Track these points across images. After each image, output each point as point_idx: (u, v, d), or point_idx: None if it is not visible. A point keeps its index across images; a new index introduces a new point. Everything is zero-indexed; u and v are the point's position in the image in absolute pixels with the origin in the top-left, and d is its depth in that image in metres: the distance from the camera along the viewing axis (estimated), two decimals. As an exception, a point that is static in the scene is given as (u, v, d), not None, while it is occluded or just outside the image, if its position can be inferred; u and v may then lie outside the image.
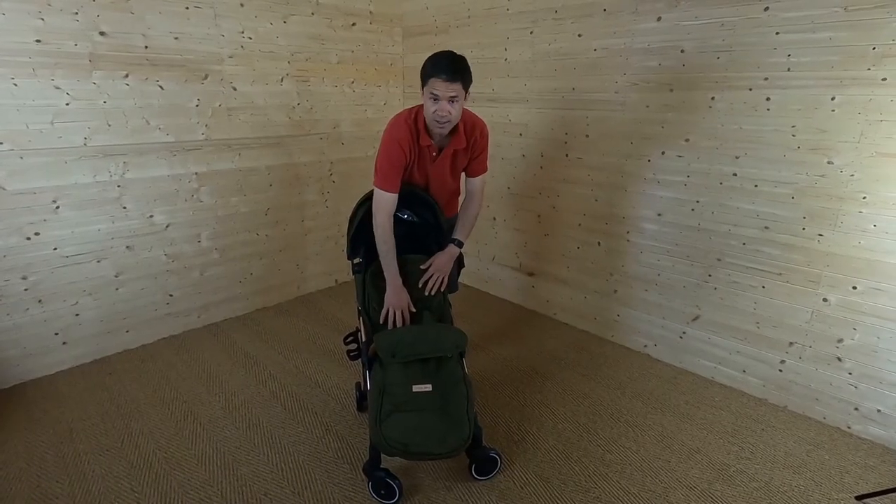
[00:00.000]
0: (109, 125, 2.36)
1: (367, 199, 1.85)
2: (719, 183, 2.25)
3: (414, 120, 1.79)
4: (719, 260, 2.31)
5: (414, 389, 1.57)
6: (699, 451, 1.96)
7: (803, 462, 1.92)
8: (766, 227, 2.15)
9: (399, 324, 1.79)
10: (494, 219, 3.24)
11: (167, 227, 2.66)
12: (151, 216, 2.59)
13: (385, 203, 1.79)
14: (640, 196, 2.53)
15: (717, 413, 2.20)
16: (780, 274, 2.15)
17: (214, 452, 1.93)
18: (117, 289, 2.56)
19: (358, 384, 2.19)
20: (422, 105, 1.77)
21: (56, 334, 2.42)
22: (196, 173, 2.69)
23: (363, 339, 1.82)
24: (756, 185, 2.15)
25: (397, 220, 1.85)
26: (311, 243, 3.30)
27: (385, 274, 1.81)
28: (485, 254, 3.40)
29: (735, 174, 2.20)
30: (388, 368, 1.62)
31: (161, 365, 2.52)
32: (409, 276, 1.86)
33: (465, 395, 1.61)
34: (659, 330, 2.59)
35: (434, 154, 1.86)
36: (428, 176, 1.92)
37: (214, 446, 1.97)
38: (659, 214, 2.48)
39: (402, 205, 1.86)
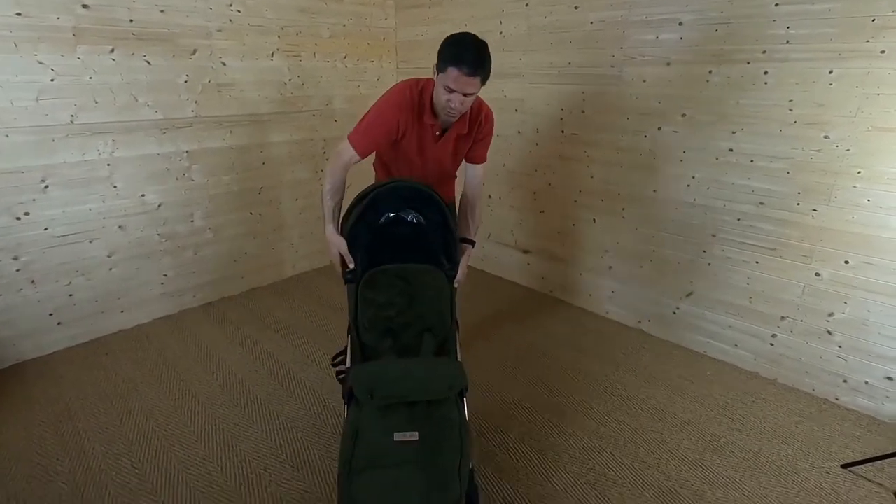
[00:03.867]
0: (96, 102, 2.31)
1: (365, 196, 1.55)
2: (715, 158, 2.24)
3: (420, 93, 1.64)
4: (714, 236, 2.32)
5: (396, 438, 1.25)
6: (691, 424, 2.00)
7: (792, 433, 1.96)
8: (761, 203, 2.16)
9: (336, 266, 1.59)
10: (490, 196, 3.23)
11: (159, 206, 2.63)
12: (143, 195, 2.56)
13: (346, 161, 1.61)
14: (635, 172, 2.52)
15: (709, 387, 2.23)
16: (774, 249, 2.16)
17: (213, 429, 1.95)
18: (111, 269, 2.54)
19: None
20: (430, 80, 1.63)
21: (50, 315, 2.41)
22: (187, 151, 2.65)
23: (348, 363, 1.55)
24: (752, 161, 2.14)
25: (400, 222, 1.58)
26: (305, 222, 3.28)
27: (323, 211, 1.61)
28: (480, 231, 3.39)
29: (731, 149, 2.19)
30: (364, 411, 1.29)
31: (157, 344, 2.52)
32: (415, 292, 1.51)
33: (459, 448, 1.27)
34: (653, 306, 2.61)
35: (437, 134, 1.72)
36: (426, 157, 1.77)
37: (213, 423, 1.98)
38: (654, 190, 2.47)
39: (405, 205, 1.58)
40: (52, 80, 2.18)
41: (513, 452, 1.84)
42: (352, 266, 1.55)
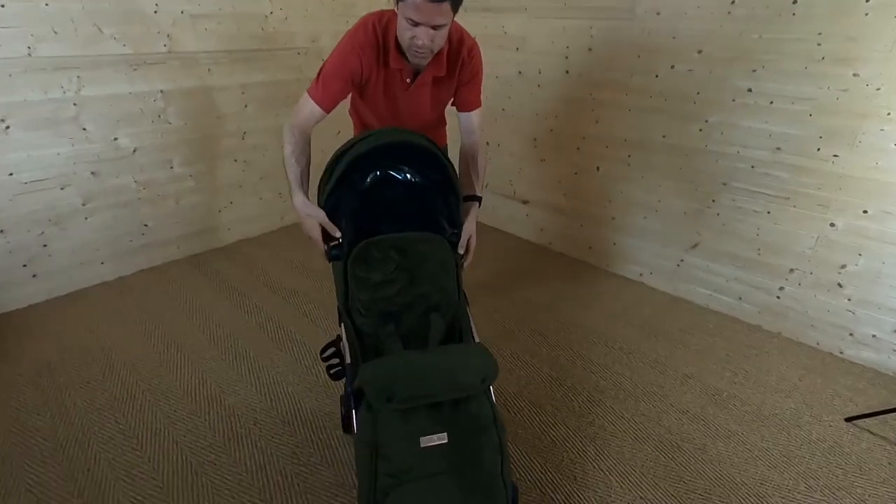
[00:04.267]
0: (56, 32, 2.09)
1: (344, 153, 1.29)
2: (731, 100, 2.09)
3: (384, 31, 1.36)
4: (725, 184, 2.20)
5: (422, 444, 1.07)
6: (692, 377, 1.96)
7: (795, 386, 1.92)
8: (778, 149, 2.02)
9: (316, 246, 1.34)
10: (488, 143, 3.06)
11: (134, 151, 2.46)
12: (116, 139, 2.38)
13: (307, 116, 1.38)
14: (644, 116, 2.36)
15: (712, 340, 2.18)
16: (788, 198, 2.05)
17: (200, 384, 1.88)
18: (86, 218, 2.40)
19: (342, 398, 1.45)
20: (395, 14, 1.31)
21: (24, 266, 2.28)
22: (161, 91, 2.45)
23: (347, 358, 1.29)
24: (771, 102, 1.99)
25: (391, 182, 1.35)
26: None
27: (288, 178, 1.34)
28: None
29: (750, 90, 2.03)
30: (381, 418, 1.07)
31: (140, 297, 2.42)
32: (415, 265, 1.32)
33: (498, 447, 1.10)
34: (656, 258, 2.52)
35: (408, 81, 1.44)
36: (399, 108, 1.52)
37: (200, 378, 1.91)
38: (664, 136, 2.33)
39: (395, 161, 1.34)
40: (2, 6, 1.95)
41: (511, 406, 1.79)
42: (338, 236, 1.32)
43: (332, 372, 1.44)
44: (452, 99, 1.56)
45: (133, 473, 1.53)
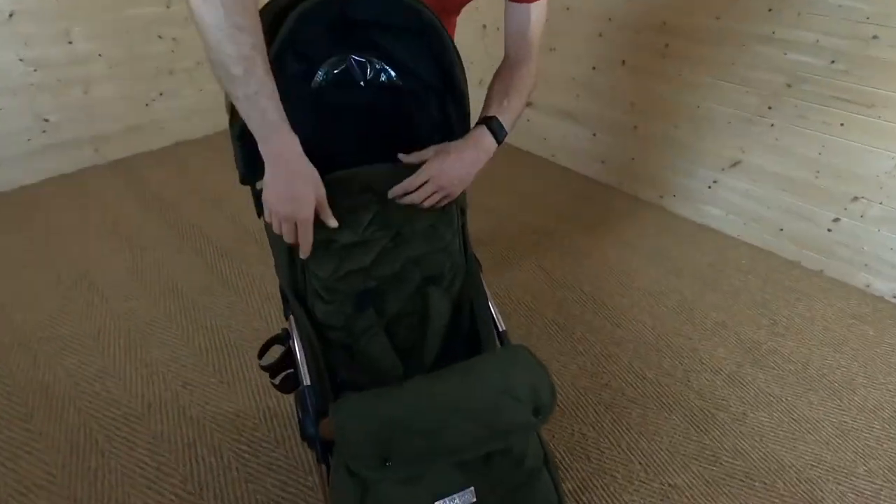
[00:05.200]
0: None
1: (277, 22, 0.75)
2: (822, -34, 1.54)
3: None
4: (789, 86, 1.72)
5: None
6: (725, 326, 1.63)
7: (844, 338, 1.62)
8: (875, 37, 1.53)
9: (300, 242, 0.78)
10: (485, 27, 2.45)
11: (11, 15, 1.82)
12: (-21, -4, 1.74)
13: None
14: (694, -11, 1.80)
15: (745, 279, 1.84)
16: (872, 106, 1.60)
17: (116, 330, 1.48)
18: (-44, 108, 1.82)
19: (297, 396, 0.90)
20: None
21: None
22: (37, -74, 1.76)
23: (303, 370, 0.85)
24: (880, -31, 1.46)
25: (354, 85, 0.85)
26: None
27: (246, 117, 0.70)
28: (469, 77, 2.66)
29: (852, -50, 1.49)
30: (373, 488, 0.69)
31: (46, 212, 1.93)
32: (398, 217, 0.88)
33: (557, 501, 0.76)
34: (683, 178, 2.10)
35: None
36: None
37: (116, 322, 1.51)
38: (717, 18, 1.79)
39: (361, 43, 0.82)
40: None
41: (508, 363, 1.45)
42: (333, 225, 0.80)
43: (278, 383, 0.95)
44: None
45: (18, 456, 1.17)
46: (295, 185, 0.74)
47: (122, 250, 1.78)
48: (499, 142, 0.89)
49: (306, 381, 0.84)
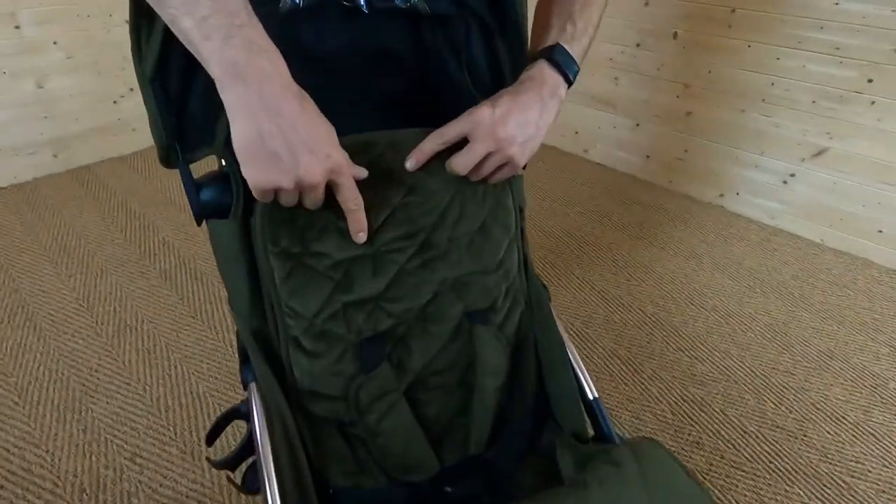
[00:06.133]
0: None
1: None
2: None
3: None
4: (898, 51, 1.38)
5: None
6: (833, 356, 1.28)
7: None
8: None
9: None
10: None
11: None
12: None
13: None
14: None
15: (842, 293, 1.48)
16: None
17: (51, 379, 1.14)
18: None
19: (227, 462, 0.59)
20: None
21: None
22: None
23: (267, 473, 0.49)
24: None
25: (350, 12, 0.52)
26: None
27: (192, 30, 0.38)
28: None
29: None
30: None
31: (-14, 230, 1.61)
32: (425, 210, 0.55)
33: None
34: (750, 172, 1.75)
35: None
36: None
37: (53, 369, 1.17)
38: (801, -28, 1.46)
39: None
40: None
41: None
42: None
43: (239, 482, 0.60)
44: None
45: None
46: (297, 129, 0.42)
47: (74, 275, 1.44)
48: (569, 80, 0.55)
49: (272, 499, 0.49)
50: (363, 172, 0.49)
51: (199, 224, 0.52)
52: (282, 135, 0.41)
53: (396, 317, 0.56)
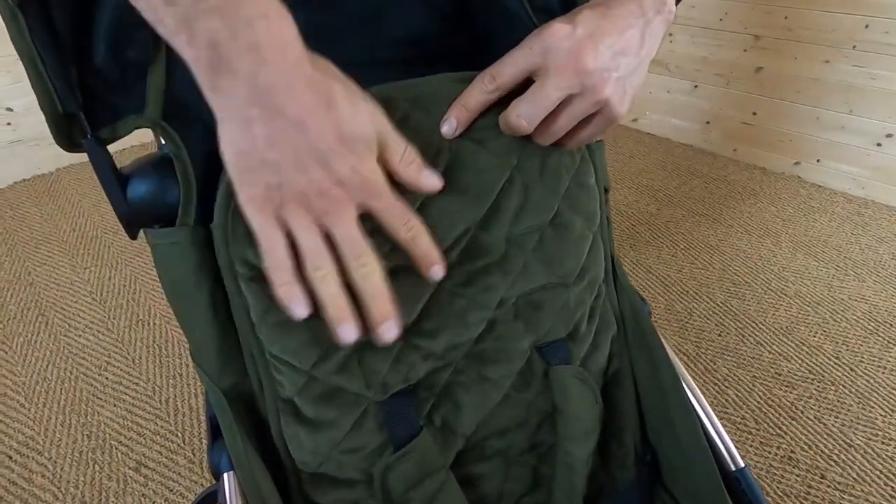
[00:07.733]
0: None
1: None
2: None
3: None
4: None
5: None
6: (954, 352, 1.05)
7: None
8: None
9: (366, 300, 0.30)
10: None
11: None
12: None
13: None
14: None
15: (956, 275, 1.24)
16: None
17: (58, 377, 1.06)
18: None
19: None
20: None
21: None
22: None
23: None
24: None
25: None
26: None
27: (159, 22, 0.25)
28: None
29: None
30: None
31: (3, 221, 1.56)
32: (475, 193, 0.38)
33: None
34: (834, 135, 1.51)
35: None
36: None
37: (62, 365, 1.09)
38: None
39: None
40: None
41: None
42: (431, 187, 0.32)
43: None
44: None
45: None
46: (307, 130, 0.27)
47: (89, 267, 1.37)
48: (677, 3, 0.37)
49: None
50: (431, 179, 0.32)
51: (131, 235, 0.35)
52: (286, 141, 0.26)
53: (436, 358, 0.39)
